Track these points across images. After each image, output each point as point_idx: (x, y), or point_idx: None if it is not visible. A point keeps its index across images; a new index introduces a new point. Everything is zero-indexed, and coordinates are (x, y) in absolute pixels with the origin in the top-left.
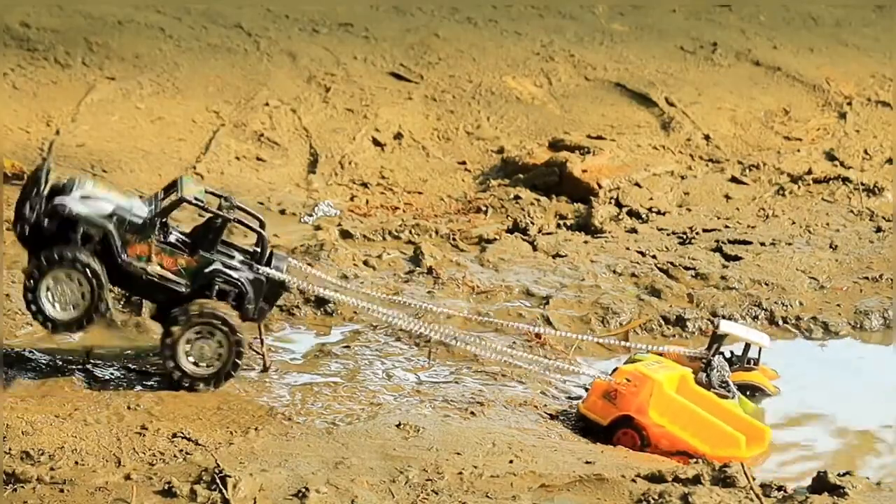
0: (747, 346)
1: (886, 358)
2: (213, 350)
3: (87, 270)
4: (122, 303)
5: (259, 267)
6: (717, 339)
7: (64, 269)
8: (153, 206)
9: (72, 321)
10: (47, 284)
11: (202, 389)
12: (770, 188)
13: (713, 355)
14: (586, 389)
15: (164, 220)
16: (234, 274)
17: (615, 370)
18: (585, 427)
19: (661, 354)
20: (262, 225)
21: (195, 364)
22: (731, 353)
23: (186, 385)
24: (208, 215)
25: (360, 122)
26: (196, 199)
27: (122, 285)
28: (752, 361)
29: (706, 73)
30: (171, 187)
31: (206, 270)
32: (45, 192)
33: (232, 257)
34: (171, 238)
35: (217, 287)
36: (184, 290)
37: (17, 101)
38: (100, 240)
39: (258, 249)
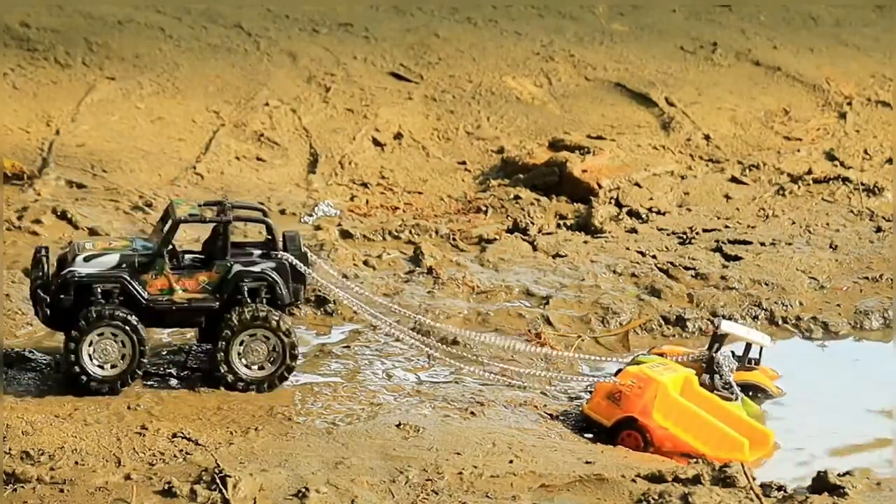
0: (748, 347)
1: (886, 357)
2: (264, 353)
3: (128, 326)
4: None
5: (277, 252)
6: (717, 338)
7: (104, 328)
8: (156, 240)
9: (115, 378)
10: (89, 344)
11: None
12: (770, 188)
13: (714, 353)
14: (590, 392)
15: (168, 248)
16: (257, 268)
17: (619, 371)
18: (585, 426)
19: (662, 355)
20: (265, 213)
21: (247, 367)
22: (733, 353)
23: (241, 388)
24: (214, 226)
25: (360, 122)
26: (190, 215)
27: (157, 324)
28: (752, 361)
29: (706, 73)
30: (166, 216)
31: (230, 276)
32: (51, 271)
33: (249, 254)
34: (185, 261)
35: (247, 287)
36: (216, 304)
37: (17, 101)
38: (120, 292)
39: (270, 237)
